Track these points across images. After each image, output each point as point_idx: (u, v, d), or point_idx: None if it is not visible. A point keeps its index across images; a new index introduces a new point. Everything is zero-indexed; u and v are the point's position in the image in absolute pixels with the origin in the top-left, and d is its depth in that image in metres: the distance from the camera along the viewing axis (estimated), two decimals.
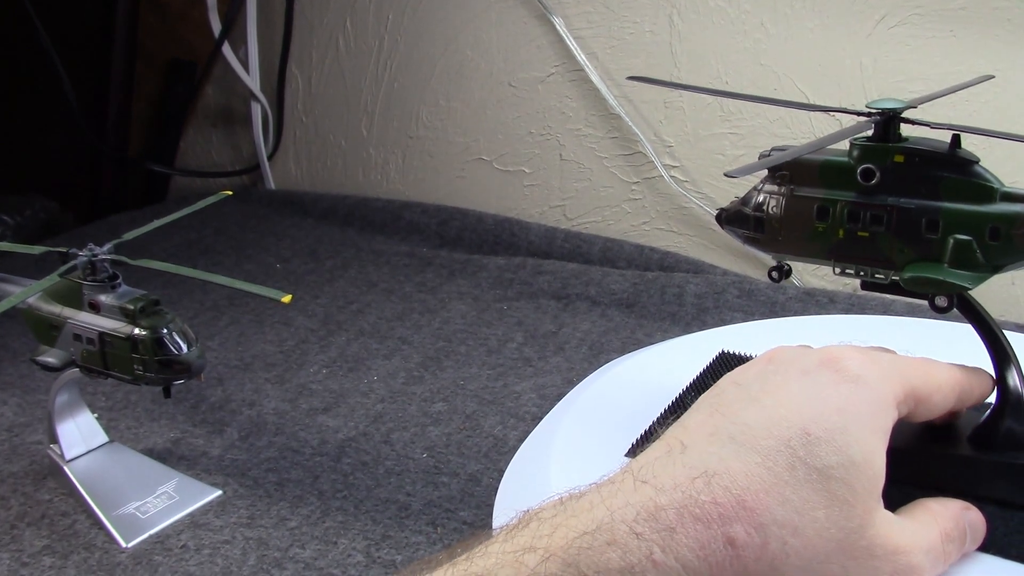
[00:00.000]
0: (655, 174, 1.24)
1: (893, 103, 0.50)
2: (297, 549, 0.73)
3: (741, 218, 0.55)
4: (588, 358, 1.01)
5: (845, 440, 0.38)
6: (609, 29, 1.25)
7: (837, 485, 0.37)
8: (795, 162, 0.52)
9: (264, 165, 1.60)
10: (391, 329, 1.10)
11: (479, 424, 0.89)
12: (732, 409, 0.40)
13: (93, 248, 0.73)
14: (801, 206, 0.51)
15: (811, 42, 1.11)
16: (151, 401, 0.95)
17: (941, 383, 0.43)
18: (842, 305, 1.05)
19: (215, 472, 0.83)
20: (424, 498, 0.78)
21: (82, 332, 0.73)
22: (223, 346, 1.07)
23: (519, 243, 1.31)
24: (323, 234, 1.42)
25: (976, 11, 1.02)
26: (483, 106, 1.38)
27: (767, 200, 0.53)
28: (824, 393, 0.39)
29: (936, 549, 0.40)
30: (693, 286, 1.12)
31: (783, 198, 0.52)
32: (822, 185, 0.51)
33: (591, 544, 0.36)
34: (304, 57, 1.55)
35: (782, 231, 0.53)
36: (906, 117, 0.50)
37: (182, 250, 1.38)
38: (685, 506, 0.36)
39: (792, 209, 0.52)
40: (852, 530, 0.37)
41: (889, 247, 0.49)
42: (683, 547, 0.36)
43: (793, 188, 0.52)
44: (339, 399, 0.95)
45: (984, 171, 0.48)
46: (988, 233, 0.46)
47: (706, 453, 0.38)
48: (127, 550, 0.74)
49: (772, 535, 0.36)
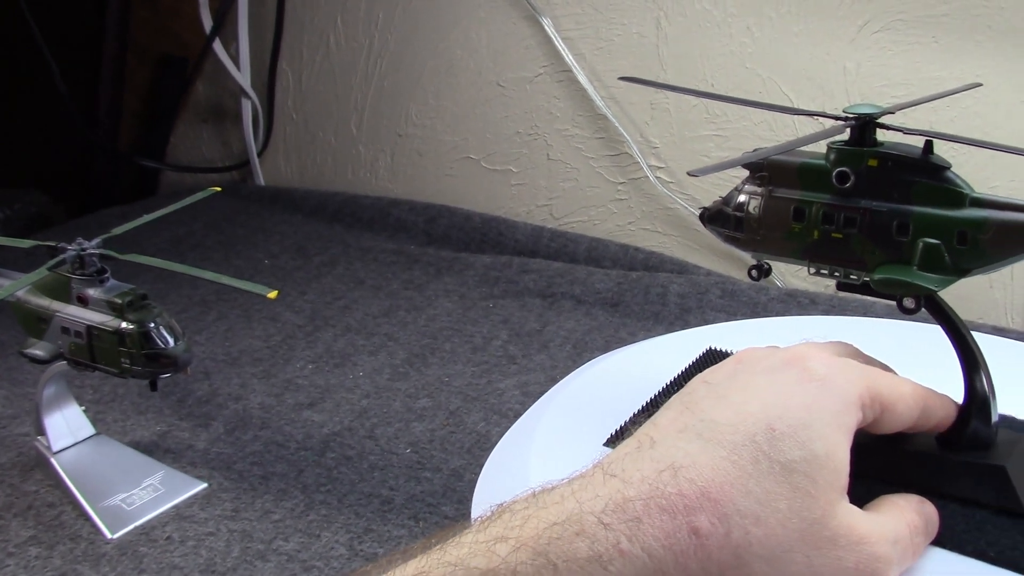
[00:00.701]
0: (641, 175, 1.25)
1: (869, 108, 0.51)
2: (280, 541, 0.74)
3: (722, 217, 0.56)
4: (572, 356, 1.02)
5: (808, 435, 0.39)
6: (597, 31, 1.26)
7: (800, 478, 0.38)
8: (774, 163, 0.53)
9: (254, 161, 1.61)
10: (377, 325, 1.12)
11: (462, 420, 0.90)
12: (701, 407, 0.41)
13: (82, 242, 0.74)
14: (779, 207, 0.52)
15: (796, 46, 1.13)
16: (138, 394, 0.96)
17: (905, 395, 0.45)
18: (823, 306, 1.06)
19: (200, 465, 0.84)
20: (407, 493, 0.79)
21: (70, 325, 0.74)
22: (210, 340, 1.08)
23: (506, 242, 1.32)
24: (311, 230, 1.43)
25: (958, 17, 1.03)
26: (472, 105, 1.39)
27: (747, 200, 0.54)
28: (790, 391, 0.41)
29: (904, 540, 0.41)
30: (676, 286, 1.13)
31: (762, 198, 0.53)
32: (800, 187, 0.52)
33: (560, 534, 0.37)
34: (295, 54, 1.56)
35: (760, 230, 0.54)
36: (882, 122, 0.51)
37: (171, 245, 1.38)
38: (652, 497, 0.38)
39: (770, 209, 0.53)
40: (815, 521, 0.38)
41: (862, 249, 0.50)
42: (649, 537, 0.37)
43: (772, 189, 0.53)
44: (324, 394, 0.96)
45: (955, 176, 0.49)
46: (956, 237, 0.47)
47: (674, 448, 0.39)
48: (112, 541, 0.74)
49: (735, 525, 0.37)
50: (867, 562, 0.39)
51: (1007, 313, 1.06)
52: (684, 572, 0.37)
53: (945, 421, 0.48)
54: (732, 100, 0.62)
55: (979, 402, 0.49)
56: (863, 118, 0.51)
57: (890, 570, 0.40)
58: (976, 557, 0.45)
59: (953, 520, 0.46)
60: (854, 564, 0.39)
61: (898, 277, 0.49)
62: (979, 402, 0.49)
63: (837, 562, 0.39)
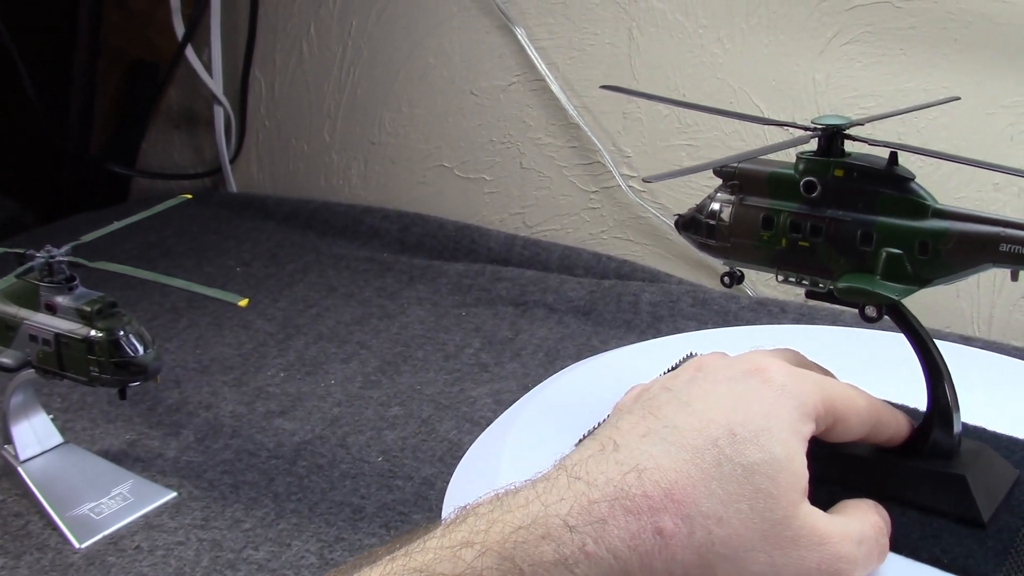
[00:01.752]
0: (613, 184, 1.26)
1: (837, 119, 0.52)
2: (251, 551, 0.73)
3: (695, 224, 0.57)
4: (544, 364, 1.02)
5: (768, 440, 0.40)
6: (570, 40, 1.27)
7: (761, 479, 0.39)
8: (745, 172, 0.54)
9: (226, 168, 1.60)
10: (350, 333, 1.11)
11: (434, 428, 0.90)
12: (663, 412, 0.42)
13: (51, 249, 0.74)
14: (749, 215, 0.53)
15: (766, 57, 1.14)
16: (107, 403, 0.95)
17: (860, 408, 0.45)
18: (793, 315, 1.07)
19: (170, 474, 0.84)
20: (378, 501, 0.79)
21: (38, 333, 0.73)
22: (181, 348, 1.08)
23: (479, 250, 1.32)
24: (284, 238, 1.43)
25: (925, 30, 1.04)
26: (445, 114, 1.39)
27: (720, 208, 0.55)
28: (750, 398, 0.41)
29: (869, 541, 0.42)
30: (649, 295, 1.13)
31: (733, 206, 0.54)
32: (769, 195, 0.53)
33: (526, 538, 0.38)
34: (267, 61, 1.55)
35: (731, 238, 0.54)
36: (849, 133, 0.52)
37: (142, 252, 1.37)
38: (616, 499, 0.38)
39: (740, 217, 0.54)
40: (776, 521, 0.39)
41: (827, 257, 0.51)
42: (614, 538, 0.37)
43: (743, 197, 0.54)
44: (296, 402, 0.96)
45: (919, 188, 0.50)
46: (917, 247, 0.48)
47: (637, 451, 0.40)
48: (80, 551, 0.74)
49: (698, 525, 0.38)
50: (830, 562, 0.40)
51: (973, 322, 1.07)
52: (649, 572, 0.38)
53: (897, 436, 0.48)
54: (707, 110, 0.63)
55: (941, 411, 0.50)
56: (830, 129, 0.51)
57: (855, 570, 0.41)
58: (930, 564, 0.45)
59: (910, 527, 0.47)
60: (816, 564, 0.40)
61: (860, 286, 0.49)
62: (941, 411, 0.50)
63: (800, 562, 0.39)
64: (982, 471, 0.49)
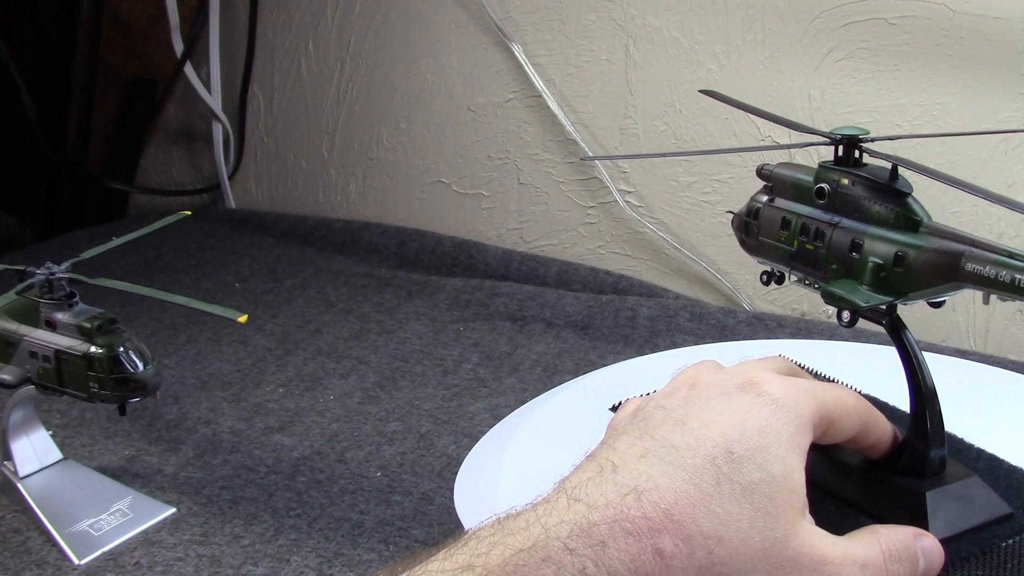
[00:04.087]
0: (610, 199, 1.27)
1: (852, 131, 0.53)
2: (250, 566, 0.73)
3: (740, 223, 0.60)
4: (542, 379, 1.02)
5: (766, 458, 0.40)
6: (567, 57, 1.27)
7: (760, 498, 0.39)
8: (777, 176, 0.57)
9: (224, 184, 1.61)
10: (348, 349, 1.12)
11: (433, 444, 0.90)
12: (659, 432, 0.42)
13: (50, 266, 0.74)
14: (773, 216, 0.56)
15: (762, 73, 1.15)
16: (106, 419, 0.95)
17: (849, 409, 0.46)
18: (790, 329, 1.08)
19: (169, 490, 0.84)
20: (377, 516, 0.79)
21: (38, 349, 0.74)
22: (180, 364, 1.08)
23: (476, 265, 1.33)
24: (282, 254, 1.43)
25: (919, 46, 1.05)
26: (443, 130, 1.40)
27: (755, 208, 0.56)
28: (745, 415, 0.42)
29: (875, 565, 0.42)
30: (646, 309, 1.14)
31: (763, 207, 0.56)
32: (792, 199, 0.55)
33: (527, 561, 0.38)
34: (266, 78, 1.56)
35: (759, 236, 0.57)
36: (865, 146, 0.53)
37: (140, 268, 1.38)
38: (616, 521, 0.38)
39: (767, 218, 0.57)
40: (776, 540, 0.39)
41: (826, 261, 0.53)
42: (615, 560, 0.38)
43: (772, 199, 0.56)
44: (295, 418, 0.96)
45: (914, 203, 0.51)
46: (894, 259, 0.49)
47: (636, 472, 0.40)
48: (80, 567, 0.74)
49: (698, 545, 0.38)
50: None
51: (969, 336, 1.08)
52: None
53: (882, 441, 0.49)
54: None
55: (919, 431, 0.51)
56: (844, 139, 0.53)
57: None
58: None
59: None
60: None
61: (836, 290, 0.51)
62: (919, 431, 0.51)
63: None
64: (952, 497, 0.49)
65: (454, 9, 1.34)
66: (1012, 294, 0.46)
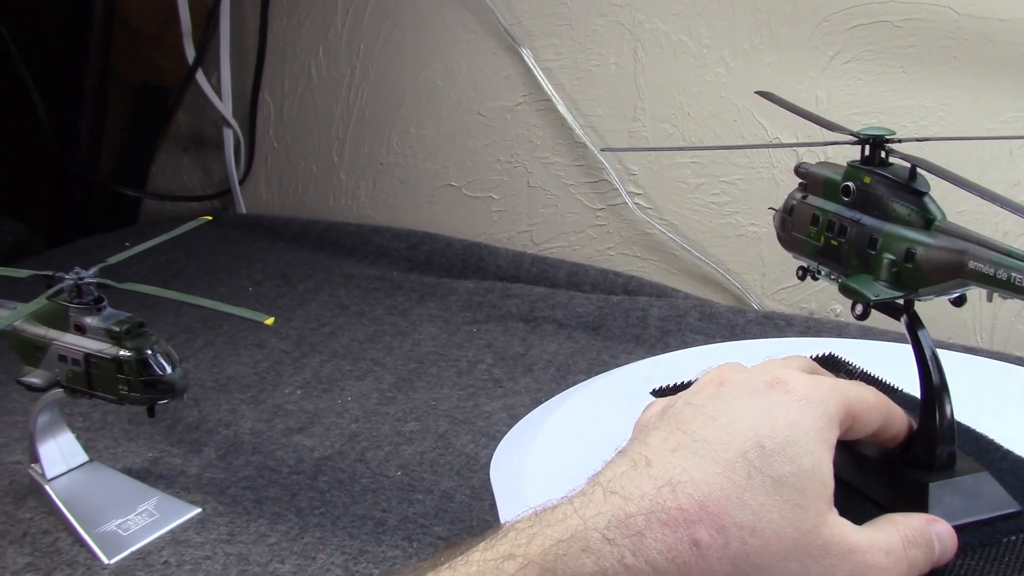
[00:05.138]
0: (619, 201, 1.28)
1: (878, 131, 0.55)
2: (277, 564, 0.75)
3: (778, 219, 0.61)
4: (556, 379, 1.04)
5: (796, 451, 0.42)
6: (575, 61, 1.29)
7: (790, 491, 0.41)
8: (811, 173, 0.58)
9: (235, 190, 1.62)
10: (363, 351, 1.13)
11: (451, 443, 0.92)
12: (691, 427, 0.43)
13: (79, 272, 0.75)
14: (805, 212, 0.58)
15: (769, 76, 1.16)
16: (128, 421, 0.97)
17: (871, 405, 0.47)
18: (799, 328, 1.09)
19: (194, 490, 0.85)
20: (399, 514, 0.81)
21: (67, 353, 0.75)
22: (198, 368, 1.09)
23: (487, 267, 1.34)
24: (294, 258, 1.45)
25: (924, 48, 1.07)
26: (452, 134, 1.42)
27: (791, 205, 0.59)
28: (776, 411, 0.43)
29: (897, 551, 0.44)
30: (656, 309, 1.15)
31: (797, 203, 0.58)
32: (823, 196, 0.57)
33: (567, 551, 0.39)
34: (276, 84, 1.58)
35: (792, 231, 0.59)
36: (890, 147, 0.54)
37: (154, 274, 1.39)
38: (653, 512, 0.40)
39: (800, 213, 0.58)
40: (807, 531, 0.40)
41: (847, 257, 0.54)
42: (652, 550, 0.39)
43: (805, 196, 0.58)
44: (314, 419, 0.97)
45: (930, 202, 0.53)
46: (904, 255, 0.51)
47: (670, 465, 0.41)
48: (109, 566, 0.75)
49: (733, 536, 0.39)
50: (859, 570, 0.41)
51: (976, 333, 1.09)
52: None
53: (901, 433, 0.50)
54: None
55: (928, 425, 0.52)
56: (870, 139, 0.54)
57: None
58: None
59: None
60: (847, 572, 0.41)
61: (851, 284, 0.52)
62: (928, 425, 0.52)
63: (831, 570, 0.41)
64: (957, 489, 0.50)
65: (463, 15, 1.36)
66: (1009, 292, 0.47)
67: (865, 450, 0.53)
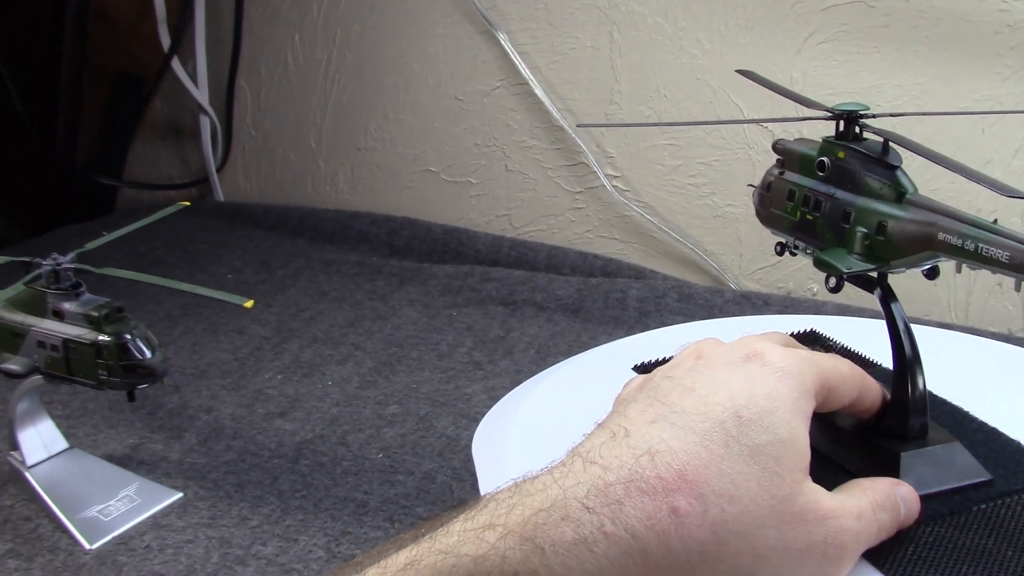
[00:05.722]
0: (597, 184, 1.29)
1: (853, 106, 0.55)
2: (259, 546, 0.75)
3: (757, 195, 0.62)
4: (536, 361, 1.04)
5: (772, 421, 0.42)
6: (552, 45, 1.29)
7: (767, 460, 0.41)
8: (787, 150, 0.59)
9: (213, 177, 1.62)
10: (344, 336, 1.13)
11: (432, 425, 0.92)
12: (669, 399, 0.44)
13: (57, 257, 0.75)
14: (782, 188, 0.58)
15: (744, 57, 1.17)
16: (108, 408, 0.97)
17: (846, 377, 0.48)
18: (776, 307, 1.10)
19: (175, 475, 0.85)
20: (381, 496, 0.81)
21: (46, 339, 0.75)
22: (178, 354, 1.09)
23: (467, 251, 1.35)
24: (273, 245, 1.44)
25: (897, 29, 1.08)
26: (430, 119, 1.42)
27: (769, 181, 0.60)
28: (753, 382, 0.44)
29: (867, 515, 0.45)
30: (635, 291, 1.16)
31: (775, 179, 0.59)
32: (799, 171, 0.57)
33: (546, 520, 0.40)
34: (253, 71, 1.57)
35: (770, 207, 0.59)
36: (864, 122, 0.55)
37: (132, 262, 1.38)
38: (632, 481, 0.40)
39: (777, 189, 0.59)
40: (783, 498, 0.41)
41: (822, 231, 0.55)
42: (631, 518, 0.39)
43: (782, 172, 0.59)
44: (295, 403, 0.97)
45: (902, 175, 0.53)
46: (876, 227, 0.51)
47: (648, 435, 0.42)
48: (91, 551, 0.76)
49: (712, 504, 0.40)
50: (834, 535, 0.42)
51: (951, 310, 1.11)
52: (666, 550, 0.40)
53: (875, 405, 0.51)
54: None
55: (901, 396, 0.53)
56: (844, 113, 0.55)
57: (857, 541, 0.43)
58: None
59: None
60: (823, 537, 0.42)
61: (824, 257, 0.53)
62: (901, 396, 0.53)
63: (807, 536, 0.41)
64: (928, 459, 0.51)
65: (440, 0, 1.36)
66: (977, 262, 0.48)
67: (840, 422, 0.54)
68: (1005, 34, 1.03)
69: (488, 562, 0.38)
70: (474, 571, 0.38)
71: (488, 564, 0.38)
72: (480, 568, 0.38)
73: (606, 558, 0.39)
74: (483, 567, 0.38)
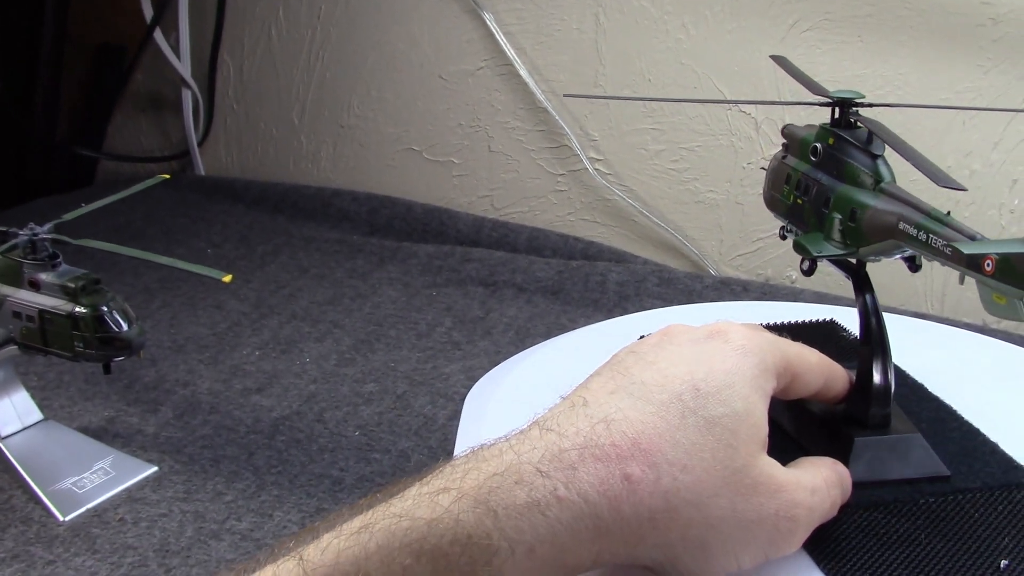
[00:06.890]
0: (580, 167, 1.29)
1: (848, 94, 0.56)
2: (234, 521, 0.75)
3: (766, 178, 0.62)
4: (515, 342, 1.05)
5: (730, 395, 0.43)
6: (538, 25, 1.29)
7: (723, 432, 0.42)
8: (790, 134, 0.59)
9: (194, 151, 1.61)
10: (323, 313, 1.13)
11: (409, 404, 0.92)
12: (630, 372, 0.45)
13: (34, 227, 0.75)
14: (782, 171, 0.59)
15: (729, 43, 1.17)
16: (84, 381, 0.96)
17: (812, 365, 0.49)
18: (755, 294, 1.11)
19: (151, 449, 0.85)
20: (357, 473, 0.81)
21: (22, 310, 0.75)
22: (156, 328, 1.09)
23: (448, 231, 1.35)
24: (254, 220, 1.44)
25: (881, 18, 1.08)
26: (414, 98, 1.41)
27: (773, 164, 0.60)
28: (713, 358, 0.44)
29: (821, 490, 0.46)
30: (615, 274, 1.16)
31: (778, 164, 0.60)
32: (798, 156, 0.58)
33: (500, 484, 0.40)
34: (236, 45, 1.56)
35: (771, 191, 0.60)
36: (858, 108, 0.55)
37: (111, 235, 1.36)
38: (586, 447, 0.41)
39: (777, 173, 0.59)
40: (737, 470, 0.42)
41: (808, 216, 0.56)
42: (585, 483, 0.40)
43: (785, 156, 0.59)
44: (272, 380, 0.97)
45: (882, 164, 0.54)
46: (849, 214, 0.52)
47: (606, 405, 0.42)
48: (64, 523, 0.75)
49: (664, 472, 0.41)
50: (786, 508, 0.43)
51: (927, 300, 1.12)
52: (618, 516, 0.40)
53: (843, 393, 0.52)
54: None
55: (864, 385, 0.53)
56: (838, 101, 0.55)
57: (809, 516, 0.44)
58: None
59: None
60: (774, 510, 0.43)
61: (801, 241, 0.54)
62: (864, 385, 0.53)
63: (759, 508, 0.42)
64: (883, 447, 0.52)
65: None
66: (930, 254, 0.48)
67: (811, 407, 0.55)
68: (988, 27, 1.03)
69: (442, 525, 0.39)
70: (428, 534, 0.39)
71: (442, 527, 0.39)
72: (434, 531, 0.39)
73: (558, 522, 0.40)
74: (437, 530, 0.39)
